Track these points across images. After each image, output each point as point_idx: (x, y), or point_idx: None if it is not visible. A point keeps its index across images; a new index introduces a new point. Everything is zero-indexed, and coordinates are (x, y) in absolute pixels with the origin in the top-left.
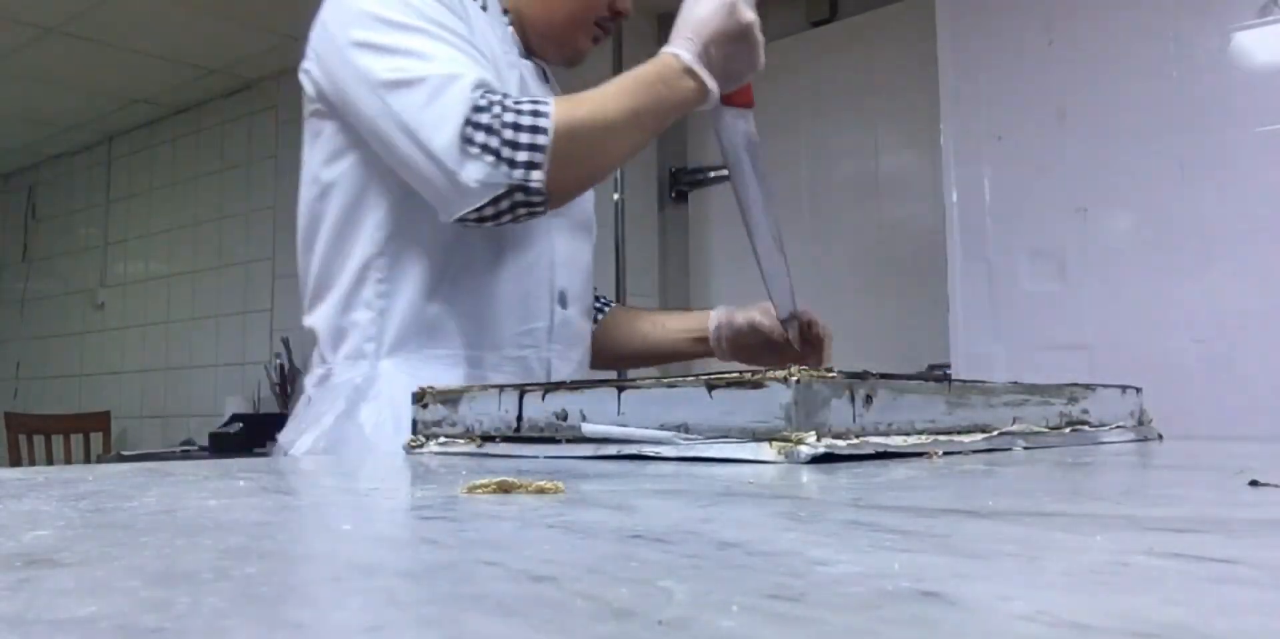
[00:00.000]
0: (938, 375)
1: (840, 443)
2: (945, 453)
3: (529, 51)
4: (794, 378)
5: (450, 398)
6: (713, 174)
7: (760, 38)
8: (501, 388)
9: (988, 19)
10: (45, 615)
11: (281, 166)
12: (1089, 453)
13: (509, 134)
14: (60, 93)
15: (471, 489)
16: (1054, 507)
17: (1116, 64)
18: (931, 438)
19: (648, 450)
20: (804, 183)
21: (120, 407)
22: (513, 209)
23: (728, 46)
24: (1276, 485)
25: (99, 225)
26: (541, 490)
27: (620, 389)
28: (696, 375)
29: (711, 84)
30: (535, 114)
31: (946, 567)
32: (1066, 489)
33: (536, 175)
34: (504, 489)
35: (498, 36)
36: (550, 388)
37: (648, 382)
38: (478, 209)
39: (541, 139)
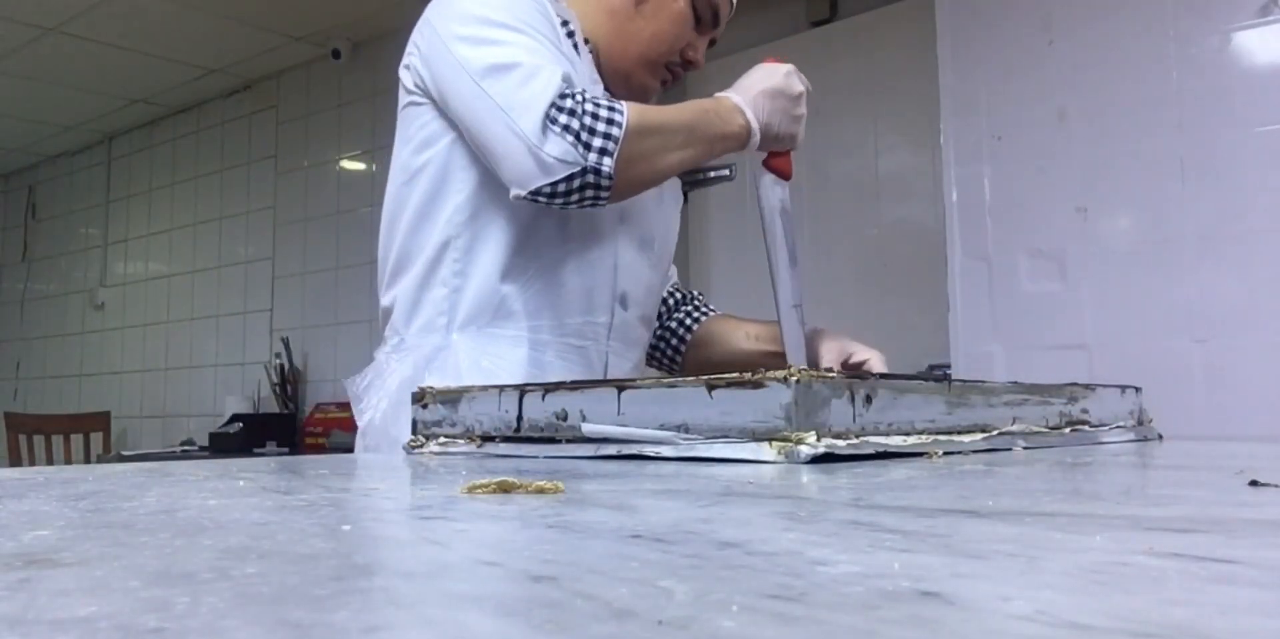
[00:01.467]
0: (937, 375)
1: (840, 443)
2: (945, 453)
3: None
4: (794, 378)
5: (450, 398)
6: (713, 174)
7: (805, 111)
8: (501, 388)
9: (988, 19)
10: (45, 615)
11: (281, 166)
12: (1089, 453)
13: (589, 120)
14: (60, 93)
15: (471, 489)
16: (1054, 507)
17: (1116, 64)
18: (931, 438)
19: (648, 450)
20: (804, 183)
21: (120, 407)
22: (581, 190)
23: (776, 102)
24: (1276, 485)
25: (99, 225)
26: (541, 490)
27: (620, 389)
28: (696, 376)
29: (755, 126)
30: (612, 109)
31: (946, 567)
32: (1066, 489)
33: (608, 161)
34: (504, 489)
35: (581, 61)
36: (550, 388)
37: (648, 382)
38: (551, 184)
39: (616, 130)
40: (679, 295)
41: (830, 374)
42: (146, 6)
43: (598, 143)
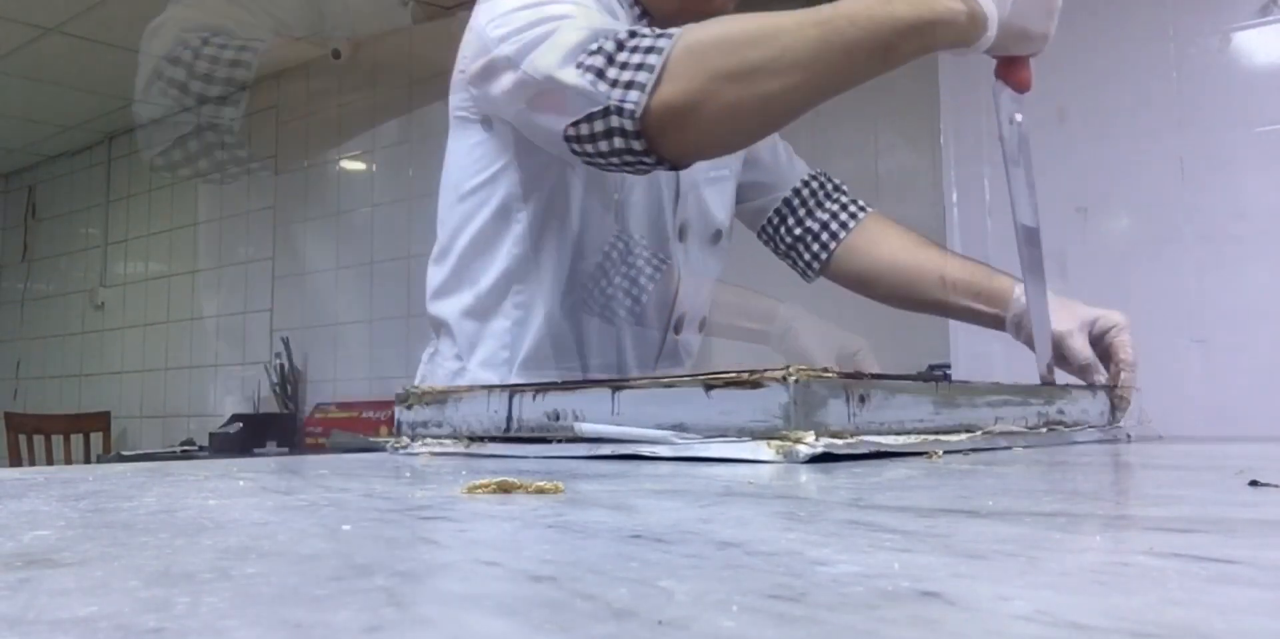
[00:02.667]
0: (927, 375)
1: (838, 442)
2: (945, 452)
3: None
4: (792, 377)
5: (437, 399)
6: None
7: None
8: (490, 388)
9: None
10: (45, 615)
11: (282, 166)
12: (1088, 453)
13: (621, 56)
14: (60, 93)
15: (471, 489)
16: (1054, 507)
17: (1116, 64)
18: (921, 438)
19: (644, 450)
20: None
21: (120, 407)
22: (609, 137)
23: None
24: (1276, 485)
25: (99, 225)
26: (541, 490)
27: (615, 389)
28: (694, 375)
29: (991, 9)
30: (658, 36)
31: (946, 567)
32: (1066, 489)
33: (634, 97)
34: (504, 489)
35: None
36: (542, 388)
37: (643, 381)
38: (574, 125)
39: (653, 59)
40: (816, 183)
41: (828, 374)
42: (146, 6)
43: (625, 76)
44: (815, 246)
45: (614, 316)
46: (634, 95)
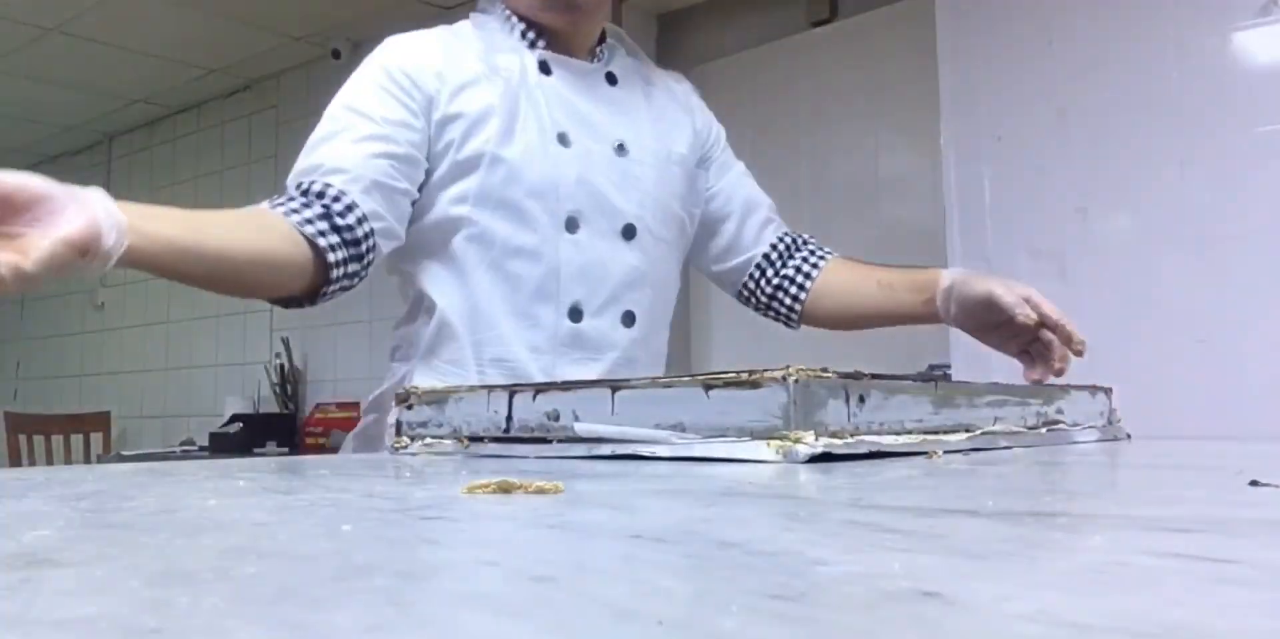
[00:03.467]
0: (931, 375)
1: (837, 442)
2: (945, 452)
3: (547, 43)
4: (792, 378)
5: (436, 399)
6: None
7: None
8: (490, 388)
9: (988, 19)
10: (45, 615)
11: (281, 166)
12: (1088, 453)
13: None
14: (60, 93)
15: (471, 489)
16: (1054, 507)
17: (1116, 64)
18: (920, 437)
19: (643, 450)
20: (804, 183)
21: (120, 407)
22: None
23: None
24: (1276, 485)
25: None
26: (541, 491)
27: (615, 389)
28: (693, 375)
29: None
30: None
31: (946, 567)
32: (1066, 489)
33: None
34: (504, 489)
35: (501, 33)
36: (541, 388)
37: (643, 381)
38: None
39: None
40: (788, 240)
41: (827, 374)
42: (146, 6)
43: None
44: (789, 298)
45: (492, 305)
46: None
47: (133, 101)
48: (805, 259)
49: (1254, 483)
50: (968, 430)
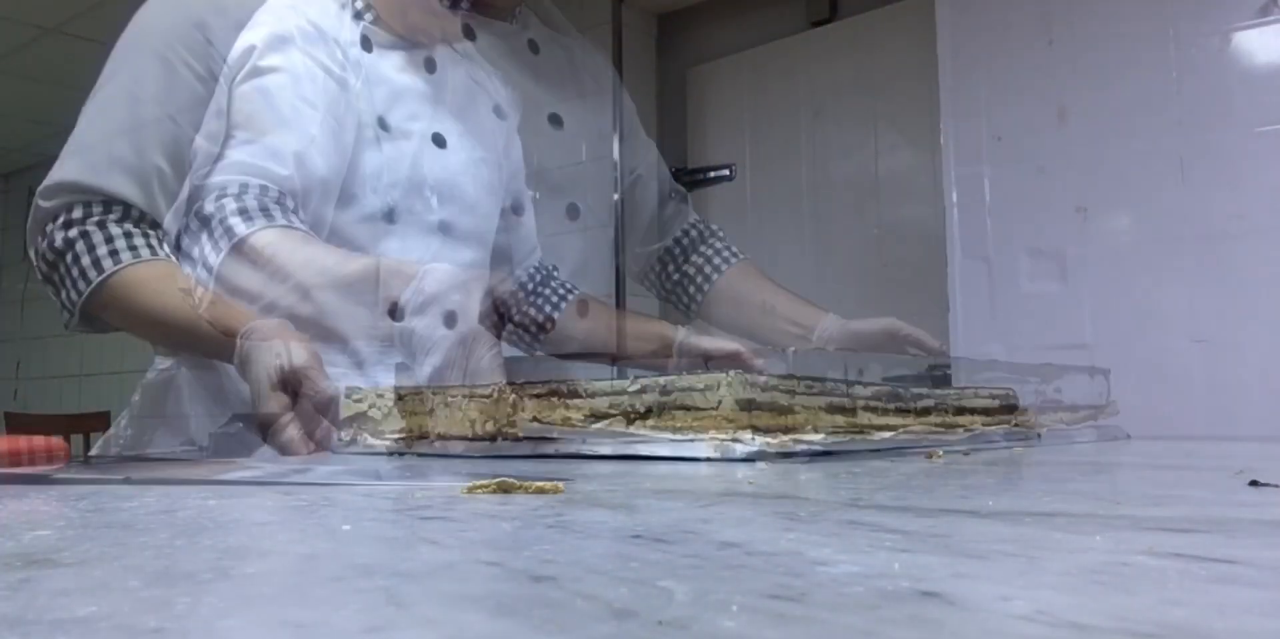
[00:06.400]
0: (930, 375)
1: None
2: (945, 452)
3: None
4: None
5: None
6: (712, 174)
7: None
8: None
9: (988, 19)
10: (45, 615)
11: None
12: (1088, 453)
13: None
14: (60, 93)
15: (471, 489)
16: (1054, 506)
17: (1116, 64)
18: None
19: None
20: (804, 183)
21: (120, 407)
22: None
23: None
24: (1276, 485)
25: None
26: (541, 490)
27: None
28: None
29: None
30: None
31: (946, 567)
32: (1066, 489)
33: None
34: (504, 489)
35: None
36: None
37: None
38: None
39: None
40: (695, 232)
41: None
42: None
43: None
44: (689, 292)
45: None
46: None
47: None
48: (709, 259)
49: (1254, 483)
50: (968, 430)
